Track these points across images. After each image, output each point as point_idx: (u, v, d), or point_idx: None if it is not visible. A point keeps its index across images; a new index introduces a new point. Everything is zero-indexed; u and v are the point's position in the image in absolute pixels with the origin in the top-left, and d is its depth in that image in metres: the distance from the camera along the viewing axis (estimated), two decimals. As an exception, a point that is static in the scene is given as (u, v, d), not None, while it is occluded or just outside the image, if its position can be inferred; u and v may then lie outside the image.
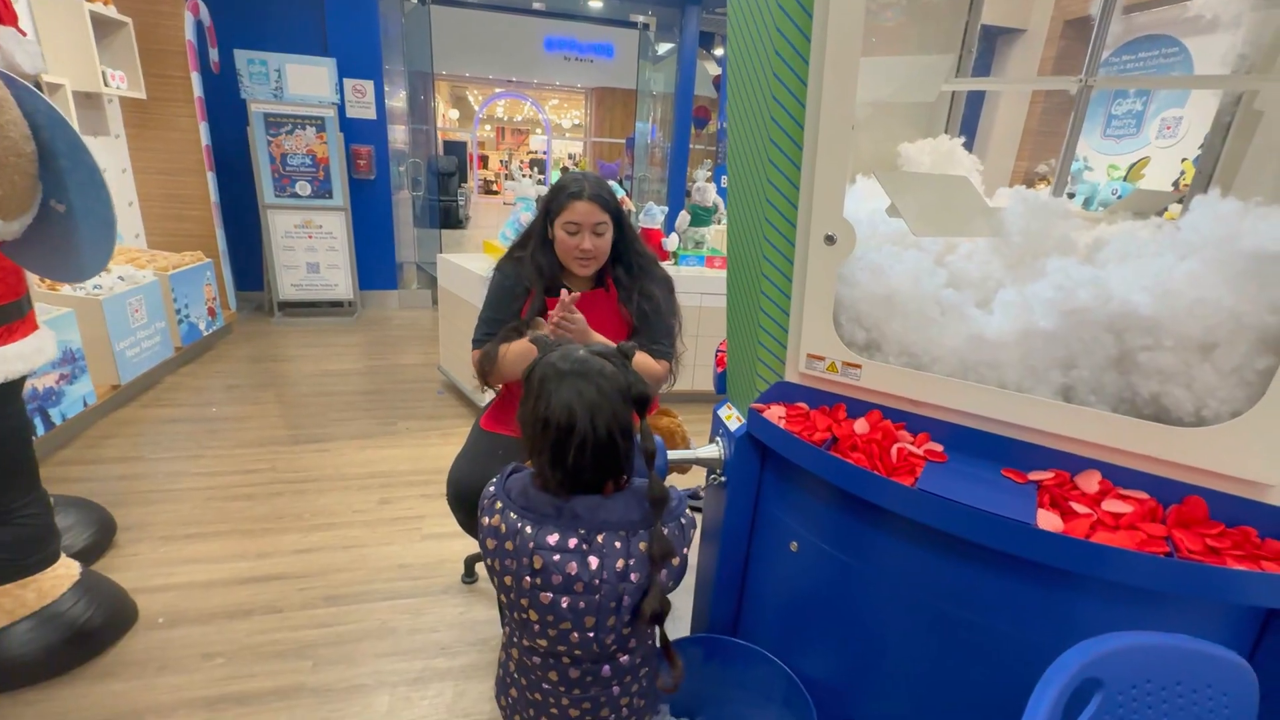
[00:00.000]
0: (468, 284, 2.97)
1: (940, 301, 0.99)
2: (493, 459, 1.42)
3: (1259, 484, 0.81)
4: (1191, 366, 0.80)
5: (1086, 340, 0.87)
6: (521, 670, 0.85)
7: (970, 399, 0.95)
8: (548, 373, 0.78)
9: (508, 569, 0.77)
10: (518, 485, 0.82)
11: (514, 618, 0.81)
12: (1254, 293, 0.75)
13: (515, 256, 1.55)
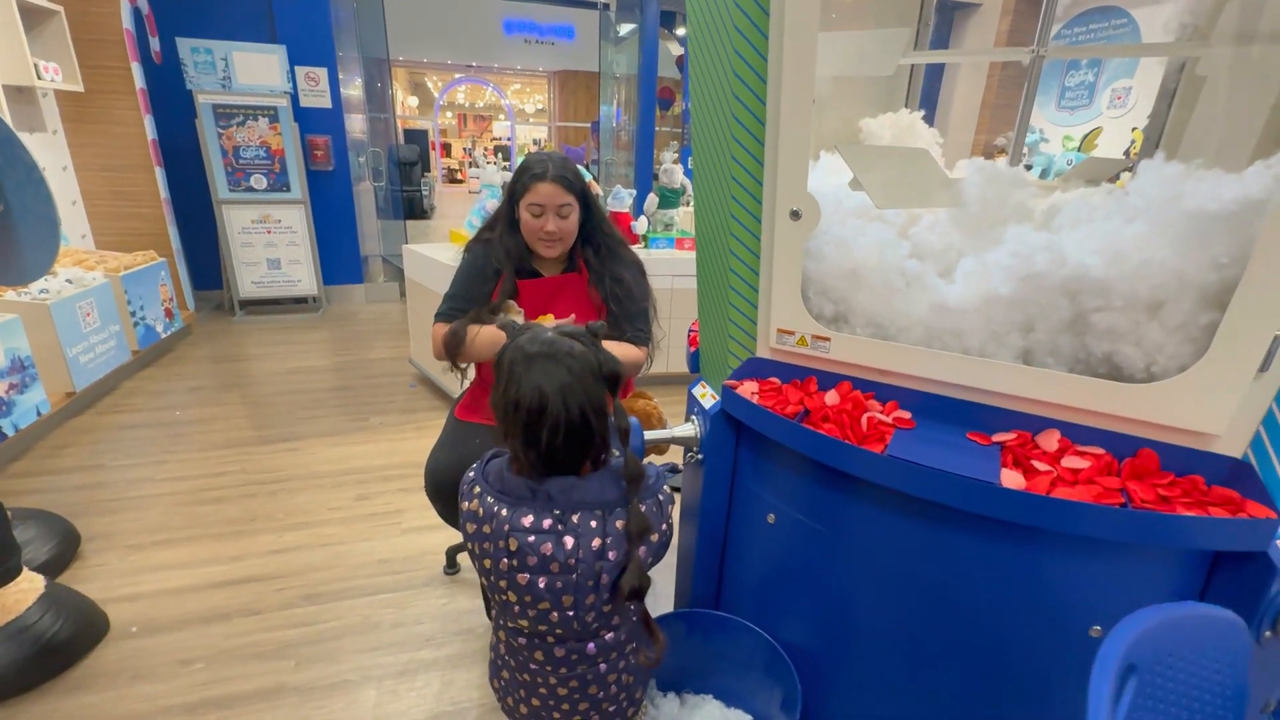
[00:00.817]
0: (436, 275, 2.92)
1: (905, 272, 1.01)
2: (470, 448, 1.42)
3: (1204, 434, 0.85)
4: (1140, 325, 0.83)
5: (1043, 304, 0.90)
6: (510, 652, 0.86)
7: (936, 366, 0.98)
8: (516, 356, 0.78)
9: (486, 552, 0.77)
10: (495, 469, 0.82)
11: (496, 600, 0.81)
12: (1196, 252, 0.78)
13: (483, 239, 1.53)
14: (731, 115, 1.04)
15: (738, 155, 1.05)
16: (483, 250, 1.50)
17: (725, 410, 1.20)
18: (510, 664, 0.86)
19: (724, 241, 1.14)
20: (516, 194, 1.44)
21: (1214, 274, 0.77)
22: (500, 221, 1.50)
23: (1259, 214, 0.74)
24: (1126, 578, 0.91)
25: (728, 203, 1.10)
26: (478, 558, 0.79)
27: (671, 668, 1.30)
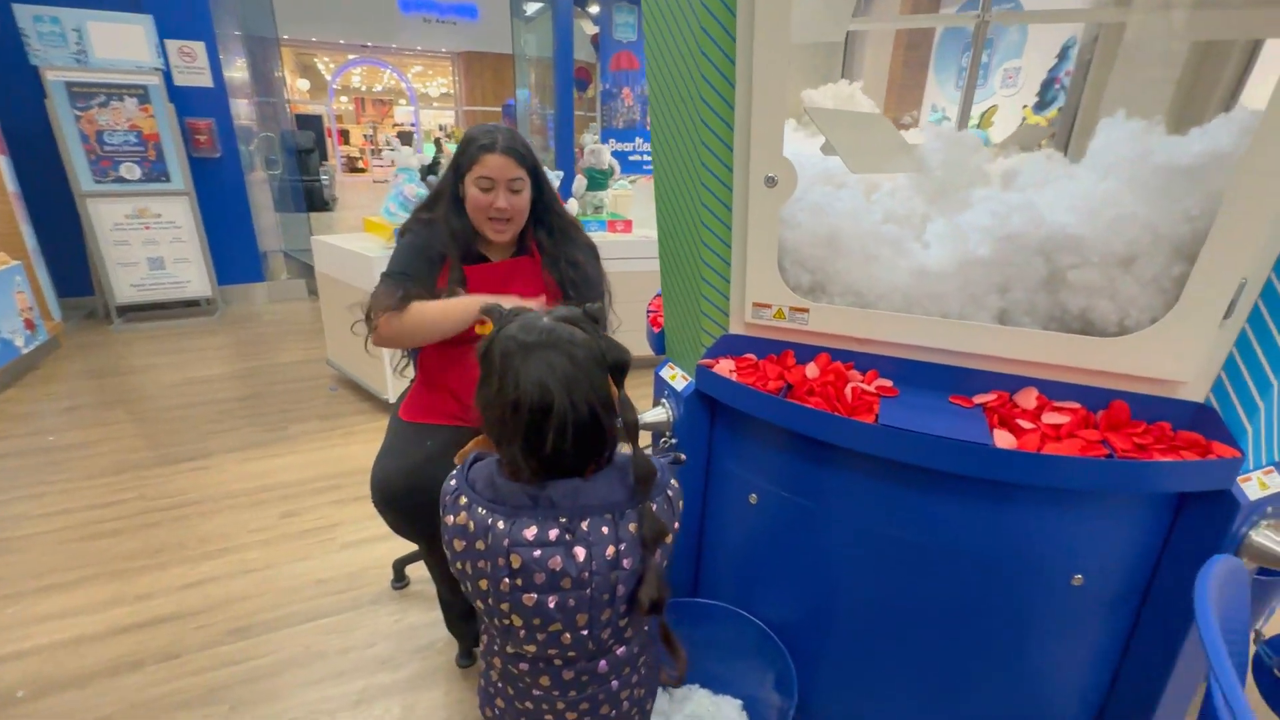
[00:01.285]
0: (354, 268, 2.70)
1: (882, 237, 0.99)
2: (421, 452, 1.29)
3: (1172, 382, 0.88)
4: (1115, 280, 0.85)
5: (1019, 264, 0.91)
6: (507, 679, 0.77)
7: (918, 331, 0.97)
8: (510, 347, 0.69)
9: (481, 572, 0.68)
10: (483, 476, 0.72)
11: (494, 624, 0.72)
12: (1168, 205, 0.80)
13: (423, 219, 1.39)
14: (701, 78, 0.98)
15: (709, 120, 0.99)
16: (424, 230, 1.37)
17: (700, 391, 1.15)
18: (508, 693, 0.78)
19: (694, 215, 1.08)
20: (462, 167, 1.32)
21: (1185, 226, 0.80)
22: (443, 200, 1.36)
23: (1225, 166, 0.76)
24: (1103, 525, 0.94)
25: (698, 173, 1.04)
26: (470, 578, 0.70)
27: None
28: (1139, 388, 0.91)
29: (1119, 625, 1.02)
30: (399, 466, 1.26)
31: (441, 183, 1.39)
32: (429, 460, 1.28)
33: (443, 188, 1.37)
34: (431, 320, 1.26)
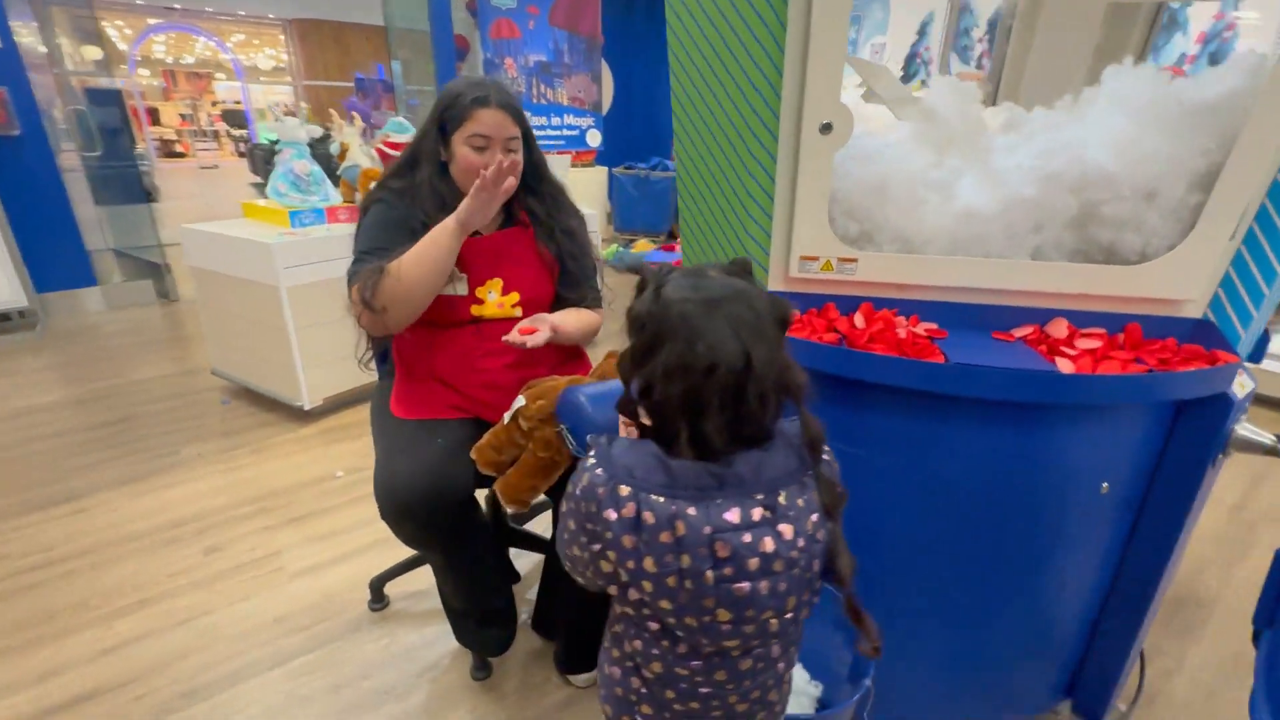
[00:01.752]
0: (248, 258, 2.32)
1: (930, 182, 1.01)
2: (433, 451, 1.15)
3: (1179, 301, 1.00)
4: (1140, 212, 0.94)
5: (1055, 202, 0.97)
6: (666, 682, 0.69)
7: (966, 273, 1.01)
8: (688, 308, 0.60)
9: (669, 568, 0.60)
10: (639, 461, 0.63)
11: (675, 623, 0.63)
12: (1189, 141, 0.90)
13: (394, 187, 1.22)
14: (747, 25, 0.93)
15: (761, 64, 0.95)
16: (398, 200, 1.19)
17: (742, 352, 1.12)
18: (665, 696, 0.70)
19: (737, 171, 1.04)
20: (450, 124, 1.16)
21: (1202, 160, 0.90)
22: (424, 163, 1.20)
23: (1238, 104, 0.86)
24: (1126, 434, 1.05)
25: (744, 125, 1.00)
26: (652, 577, 0.61)
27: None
28: (1149, 309, 1.02)
29: (1125, 525, 1.16)
30: (415, 469, 1.11)
31: (418, 144, 1.22)
32: (447, 459, 1.14)
33: (421, 148, 1.21)
34: (416, 266, 1.10)
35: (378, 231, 1.19)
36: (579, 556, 0.69)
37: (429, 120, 1.19)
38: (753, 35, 0.95)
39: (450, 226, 1.11)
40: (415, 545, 1.20)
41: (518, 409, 1.14)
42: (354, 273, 1.17)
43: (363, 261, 1.17)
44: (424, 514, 1.10)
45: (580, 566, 0.70)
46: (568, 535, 0.70)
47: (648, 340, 0.62)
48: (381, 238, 1.18)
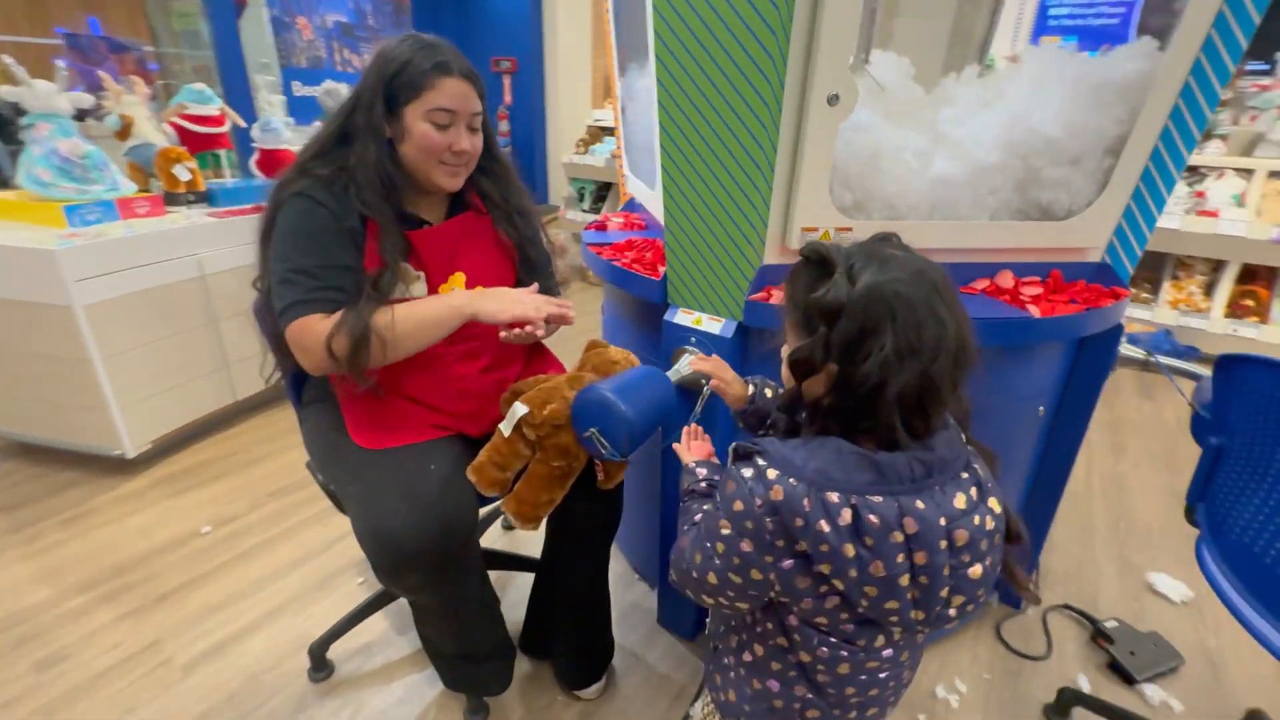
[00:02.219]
0: (12, 271, 1.74)
1: (913, 151, 1.08)
2: (429, 480, 0.97)
3: (1090, 249, 1.20)
4: (1070, 175, 1.11)
5: (1011, 167, 1.10)
6: (848, 680, 0.67)
7: (941, 236, 1.11)
8: (899, 288, 0.57)
9: (899, 568, 0.56)
10: (833, 463, 0.58)
11: (897, 620, 0.60)
12: (1106, 112, 1.07)
13: (320, 175, 0.98)
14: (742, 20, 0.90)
15: (764, 40, 0.92)
16: (324, 192, 0.97)
17: (743, 325, 1.12)
18: (845, 693, 0.68)
19: (737, 145, 1.00)
20: (401, 96, 0.96)
21: (1115, 128, 1.07)
22: (363, 141, 0.98)
23: (1143, 81, 1.04)
24: (1053, 363, 1.25)
25: (746, 97, 0.96)
26: (879, 581, 0.57)
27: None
28: (1068, 257, 1.21)
29: (1043, 437, 1.38)
30: (415, 507, 0.93)
31: (349, 118, 1.00)
32: (446, 487, 0.98)
33: (355, 124, 0.99)
34: (410, 339, 0.97)
35: (308, 242, 0.96)
36: (738, 583, 0.64)
37: (367, 89, 0.97)
38: (753, 8, 0.91)
39: (463, 311, 0.98)
40: (414, 594, 1.02)
41: (521, 417, 1.02)
42: (295, 302, 0.94)
43: (295, 284, 0.94)
44: (435, 557, 0.94)
45: (732, 591, 0.65)
46: (720, 561, 0.64)
47: (855, 329, 0.58)
48: (318, 251, 0.96)
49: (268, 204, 1.02)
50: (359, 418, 1.06)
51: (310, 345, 0.93)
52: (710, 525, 0.66)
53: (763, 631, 0.71)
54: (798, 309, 0.65)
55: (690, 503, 0.79)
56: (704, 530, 0.67)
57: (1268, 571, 0.86)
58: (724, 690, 0.77)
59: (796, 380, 0.65)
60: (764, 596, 0.65)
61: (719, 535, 0.64)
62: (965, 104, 1.20)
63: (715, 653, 0.81)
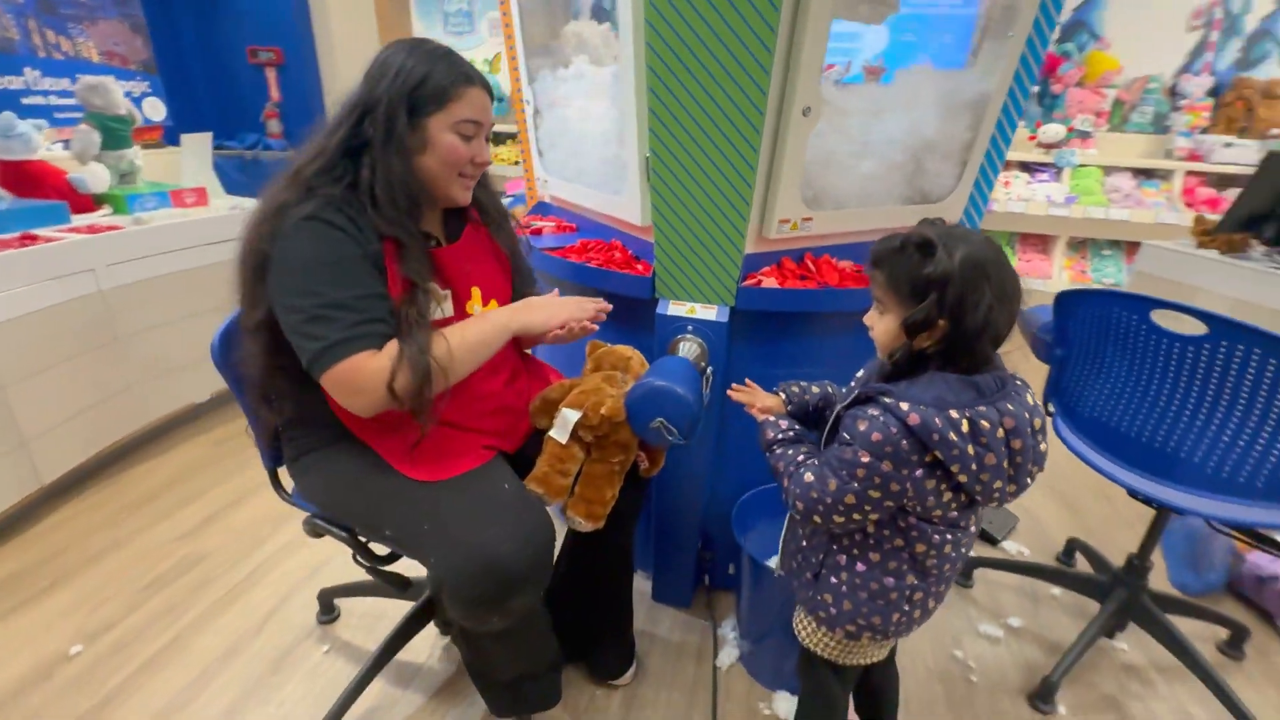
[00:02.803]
0: None
1: (849, 153, 1.31)
2: (503, 500, 0.95)
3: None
4: (942, 168, 1.44)
5: (905, 162, 1.40)
6: (951, 559, 0.86)
7: (867, 220, 1.37)
8: (984, 254, 0.75)
9: (1003, 455, 0.76)
10: (943, 391, 0.76)
11: (1000, 498, 0.79)
12: (961, 123, 1.42)
13: (329, 194, 0.88)
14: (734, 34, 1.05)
15: (747, 66, 1.06)
16: (338, 214, 0.88)
17: (736, 310, 1.27)
18: (945, 570, 0.87)
19: (726, 152, 1.14)
20: (425, 106, 0.91)
21: (968, 134, 1.43)
22: (385, 155, 0.90)
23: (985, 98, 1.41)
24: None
25: (739, 109, 1.10)
26: (992, 469, 0.76)
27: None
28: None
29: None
30: (509, 530, 0.92)
31: (358, 130, 0.91)
32: (525, 505, 0.98)
33: (373, 136, 0.90)
34: (465, 365, 0.95)
35: (337, 271, 0.87)
36: (875, 497, 0.79)
37: (382, 99, 0.90)
38: (740, 42, 1.05)
39: (509, 328, 0.99)
40: (507, 620, 0.97)
41: (576, 422, 1.04)
42: (337, 342, 0.84)
43: (332, 321, 0.84)
44: (539, 575, 0.93)
45: (869, 505, 0.80)
46: (859, 484, 0.79)
47: (960, 291, 0.75)
48: (351, 281, 0.87)
49: (259, 230, 0.88)
50: (406, 452, 0.97)
51: (367, 385, 0.85)
52: (844, 457, 0.80)
53: (879, 539, 0.87)
54: (906, 283, 0.81)
55: (783, 450, 0.92)
56: (837, 462, 0.81)
57: (1114, 431, 1.27)
58: (835, 605, 0.92)
59: (909, 338, 0.81)
60: (895, 504, 0.81)
61: (859, 464, 0.78)
62: (861, 113, 1.48)
63: (815, 580, 0.95)
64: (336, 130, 0.91)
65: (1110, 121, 3.80)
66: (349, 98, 0.94)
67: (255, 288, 0.91)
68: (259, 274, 0.90)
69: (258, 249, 0.88)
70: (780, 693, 1.34)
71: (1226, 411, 1.12)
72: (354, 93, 0.94)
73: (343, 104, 0.94)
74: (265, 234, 0.87)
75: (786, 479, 0.89)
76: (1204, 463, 1.16)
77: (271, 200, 0.89)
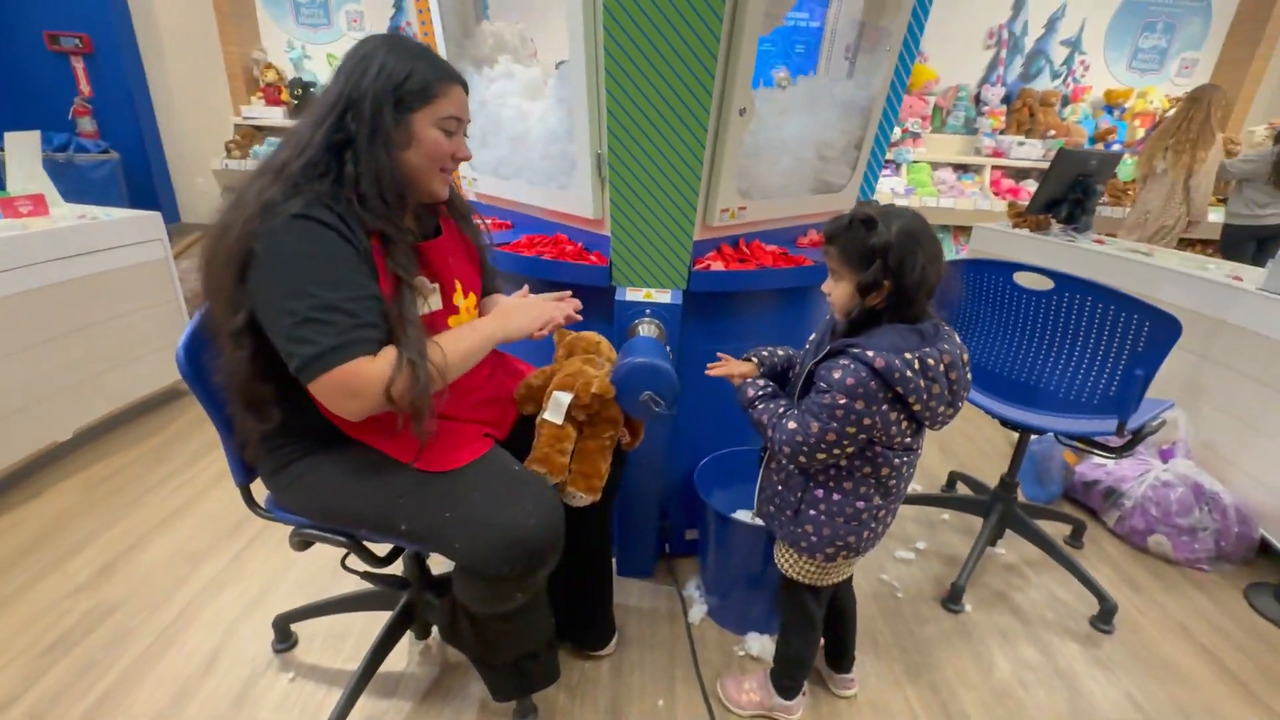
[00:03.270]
0: None
1: (770, 148, 1.48)
2: (514, 478, 1.00)
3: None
4: (840, 163, 1.67)
5: (817, 156, 1.61)
6: (907, 476, 1.04)
7: (787, 208, 1.56)
8: (914, 225, 0.94)
9: (947, 384, 0.94)
10: (896, 338, 0.93)
11: (940, 422, 0.98)
12: (851, 123, 1.65)
13: (317, 190, 0.87)
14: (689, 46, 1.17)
15: (699, 75, 1.19)
16: (328, 213, 0.87)
17: (689, 291, 1.39)
18: (900, 487, 1.05)
19: (677, 150, 1.25)
20: (411, 102, 0.92)
21: (859, 133, 1.67)
22: (373, 150, 0.90)
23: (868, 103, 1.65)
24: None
25: (686, 111, 1.22)
26: (938, 397, 0.94)
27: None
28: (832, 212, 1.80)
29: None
30: (540, 503, 0.97)
31: (342, 125, 0.91)
32: (538, 483, 1.03)
33: (351, 132, 0.90)
34: (458, 370, 0.98)
35: (331, 272, 0.86)
36: (851, 432, 0.95)
37: (366, 94, 0.89)
38: (690, 50, 1.18)
39: (495, 338, 1.02)
40: (527, 594, 1.01)
41: (570, 403, 1.11)
42: (333, 347, 0.82)
43: (327, 324, 0.83)
44: (559, 547, 0.99)
45: (846, 440, 0.97)
46: (838, 423, 0.95)
47: (898, 254, 0.92)
48: (346, 282, 0.86)
49: (244, 228, 0.85)
50: (415, 447, 0.97)
51: (365, 390, 0.84)
52: (824, 402, 0.96)
53: (851, 469, 1.03)
54: (855, 253, 0.97)
55: (765, 404, 1.07)
56: (817, 408, 0.96)
57: (988, 373, 1.56)
58: (816, 533, 1.07)
59: (862, 297, 0.97)
60: (867, 438, 0.98)
61: (837, 405, 0.94)
62: (776, 115, 1.67)
63: (796, 515, 1.10)
64: (320, 125, 0.90)
65: (933, 124, 4.45)
66: (327, 94, 0.92)
67: (236, 289, 0.87)
68: (241, 275, 0.86)
69: (243, 248, 0.84)
70: (750, 634, 1.49)
71: (1070, 348, 1.44)
72: (332, 89, 0.92)
73: (321, 100, 0.92)
74: (251, 232, 0.84)
75: (771, 429, 1.03)
76: (1056, 390, 1.48)
77: (256, 197, 0.86)
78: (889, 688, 1.40)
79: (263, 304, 0.86)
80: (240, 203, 0.88)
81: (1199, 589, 1.75)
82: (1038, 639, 1.55)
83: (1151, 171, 3.20)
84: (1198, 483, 1.85)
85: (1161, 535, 1.85)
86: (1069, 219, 2.72)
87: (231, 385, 0.94)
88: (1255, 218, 3.13)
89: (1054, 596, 1.69)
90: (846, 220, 1.00)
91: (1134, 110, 4.44)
